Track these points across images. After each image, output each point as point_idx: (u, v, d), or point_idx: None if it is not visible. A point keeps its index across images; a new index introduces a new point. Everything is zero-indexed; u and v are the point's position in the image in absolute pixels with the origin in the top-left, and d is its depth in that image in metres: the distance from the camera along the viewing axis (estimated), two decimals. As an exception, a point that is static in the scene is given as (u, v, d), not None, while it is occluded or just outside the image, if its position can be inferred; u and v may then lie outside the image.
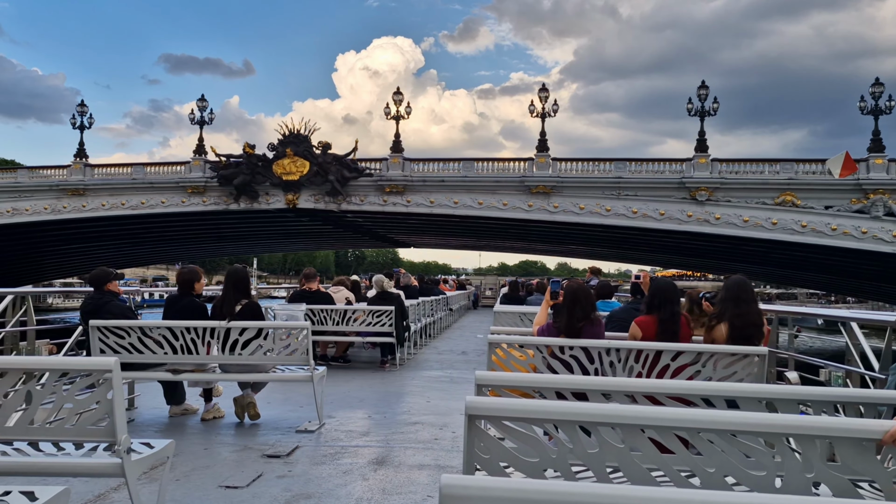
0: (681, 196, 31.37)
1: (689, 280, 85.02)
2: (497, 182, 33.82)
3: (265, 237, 51.45)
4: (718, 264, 44.22)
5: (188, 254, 63.02)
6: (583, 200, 32.44)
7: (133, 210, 37.30)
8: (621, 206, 31.82)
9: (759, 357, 5.11)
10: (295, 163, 34.56)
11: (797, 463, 2.28)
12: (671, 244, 36.92)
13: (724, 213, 30.82)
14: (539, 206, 32.82)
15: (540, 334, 5.61)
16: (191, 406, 7.70)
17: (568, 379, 4.01)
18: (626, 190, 31.96)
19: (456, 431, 6.87)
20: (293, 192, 34.82)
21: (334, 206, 34.78)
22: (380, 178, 34.50)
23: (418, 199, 34.34)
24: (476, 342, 17.19)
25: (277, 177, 34.76)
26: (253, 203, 35.69)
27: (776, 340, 8.05)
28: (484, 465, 2.41)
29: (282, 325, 7.81)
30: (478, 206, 33.58)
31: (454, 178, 34.18)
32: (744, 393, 3.09)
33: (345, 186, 34.31)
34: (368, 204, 34.90)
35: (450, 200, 33.90)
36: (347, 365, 12.37)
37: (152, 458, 3.89)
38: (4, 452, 3.78)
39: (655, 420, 2.25)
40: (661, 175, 32.40)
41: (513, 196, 33.33)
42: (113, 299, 7.52)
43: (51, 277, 57.09)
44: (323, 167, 34.05)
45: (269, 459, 5.76)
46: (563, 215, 32.70)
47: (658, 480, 2.53)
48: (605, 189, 32.22)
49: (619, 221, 32.00)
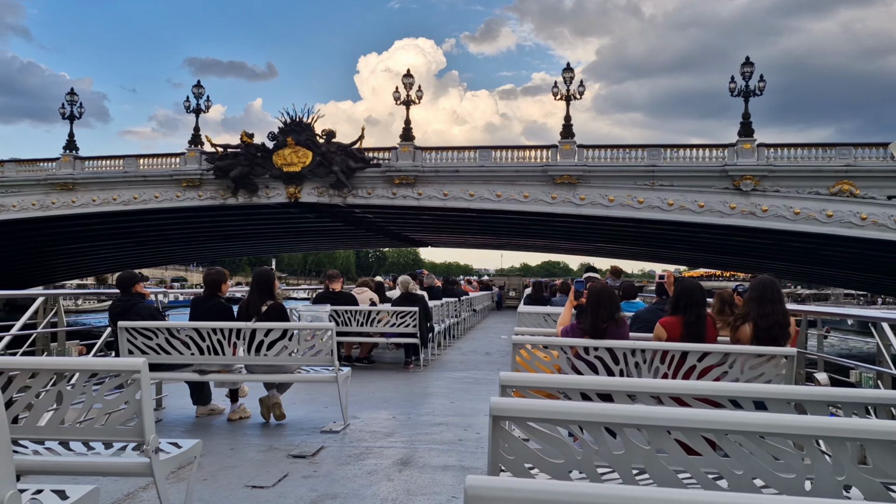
0: (723, 186, 28.07)
1: (719, 280, 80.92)
2: (517, 172, 30.71)
3: (274, 236, 49.11)
4: (758, 263, 40.45)
5: (196, 254, 61.02)
6: (612, 191, 29.23)
7: (125, 206, 34.88)
8: (655, 198, 28.56)
9: (787, 358, 5.04)
10: (297, 153, 31.89)
11: (827, 465, 2.25)
12: (708, 240, 34.04)
13: (771, 205, 27.40)
14: (564, 199, 29.72)
15: (564, 335, 5.58)
16: (217, 406, 7.78)
17: (593, 380, 3.98)
18: (660, 179, 28.72)
19: (480, 432, 6.86)
20: (295, 185, 32.27)
21: (339, 199, 32.06)
22: (388, 168, 31.62)
23: (431, 192, 31.40)
24: (500, 343, 17.16)
25: (278, 168, 32.13)
26: (252, 197, 33.16)
27: (805, 341, 7.94)
28: (509, 467, 2.41)
29: (306, 326, 7.86)
30: (496, 198, 30.45)
31: (470, 169, 31.16)
32: (772, 394, 3.05)
33: (350, 178, 31.58)
34: (376, 197, 32.06)
35: (465, 193, 30.86)
36: (372, 366, 12.41)
37: (180, 457, 3.93)
38: (36, 451, 3.84)
39: (682, 421, 2.22)
40: (700, 162, 29.06)
41: (535, 187, 30.22)
42: (140, 301, 7.62)
43: (60, 279, 55.28)
44: (327, 157, 31.39)
45: (294, 460, 5.80)
46: (590, 208, 29.54)
47: (685, 482, 2.51)
48: (637, 179, 29.01)
49: (652, 214, 28.70)
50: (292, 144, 31.81)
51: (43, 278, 47.97)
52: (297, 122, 32.13)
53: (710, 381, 4.80)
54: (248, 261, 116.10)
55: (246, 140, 32.71)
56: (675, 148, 30.12)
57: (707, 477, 2.40)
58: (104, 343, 8.11)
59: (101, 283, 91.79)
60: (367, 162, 31.73)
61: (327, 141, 31.81)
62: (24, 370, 3.56)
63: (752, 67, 29.94)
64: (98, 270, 61.13)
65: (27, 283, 42.59)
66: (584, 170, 29.65)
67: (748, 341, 5.34)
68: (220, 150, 33.22)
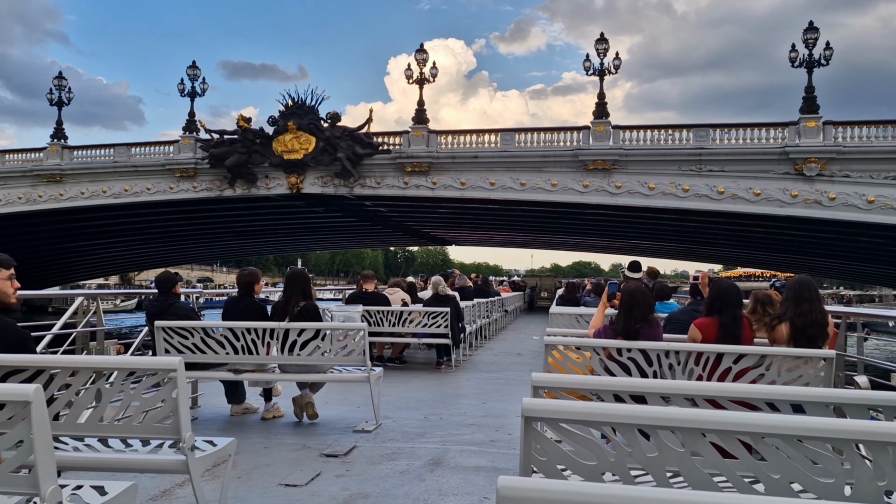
0: (782, 171, 24.40)
1: (758, 280, 74.22)
2: (544, 157, 27.07)
3: (285, 233, 45.82)
4: (812, 262, 38.00)
5: (211, 252, 57.93)
6: (653, 178, 25.68)
7: (115, 199, 32.01)
8: (703, 185, 25.03)
9: (825, 360, 4.94)
10: (298, 138, 28.79)
11: (868, 470, 2.20)
12: (761, 235, 30.74)
13: (840, 192, 23.69)
14: (597, 187, 26.15)
15: (596, 336, 5.54)
16: (251, 405, 7.87)
17: (626, 381, 3.95)
18: (709, 164, 25.17)
19: (512, 433, 6.84)
20: (296, 174, 29.17)
21: (345, 189, 28.97)
22: (399, 155, 28.39)
23: (446, 180, 28.00)
24: (532, 343, 17.09)
25: (278, 156, 29.07)
26: (250, 188, 30.11)
27: (844, 344, 7.78)
28: (541, 468, 2.40)
29: (339, 327, 7.91)
30: (520, 187, 26.94)
31: (490, 154, 27.70)
32: (810, 397, 2.99)
33: (357, 166, 28.47)
34: (386, 187, 28.87)
35: (485, 181, 27.44)
36: (403, 366, 12.45)
37: (215, 455, 3.98)
38: (76, 448, 3.93)
39: (717, 424, 2.19)
40: (756, 144, 25.36)
41: (564, 174, 26.77)
42: (177, 301, 7.76)
43: (77, 279, 52.23)
44: (331, 143, 28.38)
45: (327, 459, 5.84)
46: (627, 197, 26.01)
47: (720, 486, 2.47)
48: (681, 163, 25.45)
49: (699, 204, 25.18)
50: (294, 129, 28.80)
51: (59, 278, 46.16)
52: (300, 104, 29.16)
53: (747, 383, 4.73)
54: (276, 261, 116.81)
55: (243, 125, 29.78)
56: (725, 128, 26.27)
57: (743, 481, 2.36)
58: (141, 342, 8.26)
59: (125, 283, 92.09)
60: (376, 148, 28.58)
61: (332, 125, 28.87)
62: (65, 368, 3.64)
63: (817, 34, 26.09)
64: (112, 270, 59.12)
65: (44, 283, 40.83)
66: (619, 154, 26.17)
67: (785, 341, 5.25)
68: (216, 137, 30.45)
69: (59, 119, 34.57)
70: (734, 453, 2.30)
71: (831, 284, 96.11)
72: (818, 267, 42.39)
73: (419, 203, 31.02)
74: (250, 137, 29.56)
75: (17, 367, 3.54)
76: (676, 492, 1.76)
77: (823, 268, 43.97)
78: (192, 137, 31.53)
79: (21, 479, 2.79)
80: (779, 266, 49.22)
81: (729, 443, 2.27)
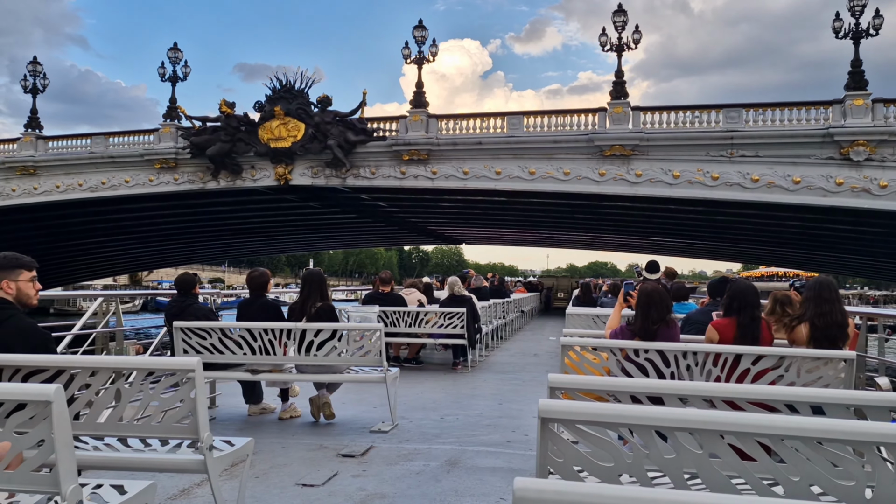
0: (825, 155, 21.45)
1: (779, 280, 69.85)
2: (555, 143, 24.25)
3: (286, 231, 42.87)
4: (852, 260, 35.27)
5: (212, 252, 54.76)
6: (677, 165, 22.84)
7: (92, 192, 29.40)
8: (734, 172, 22.17)
9: (846, 361, 4.89)
10: (286, 125, 26.39)
11: (890, 473, 2.17)
12: (796, 230, 27.85)
13: (893, 180, 20.82)
14: (614, 175, 23.36)
15: (613, 337, 5.52)
16: (269, 405, 7.91)
17: (644, 382, 3.93)
18: (741, 149, 22.21)
19: (528, 434, 6.82)
20: (284, 164, 26.66)
21: (337, 180, 26.39)
22: (396, 141, 25.69)
23: (447, 170, 25.28)
24: (548, 344, 17.05)
25: (264, 144, 26.60)
26: (235, 180, 27.52)
27: (865, 345, 7.70)
28: (557, 469, 2.39)
29: (355, 327, 7.93)
30: (529, 176, 24.21)
31: (495, 140, 24.93)
32: (830, 399, 2.96)
33: (350, 154, 25.92)
34: (381, 177, 26.18)
35: (490, 170, 24.71)
36: (420, 366, 12.46)
37: (233, 455, 4.01)
38: (96, 447, 3.97)
39: (736, 426, 2.18)
40: (795, 126, 22.31)
41: (577, 162, 23.97)
42: (195, 302, 7.83)
43: (79, 279, 49.97)
44: (321, 129, 25.91)
45: (343, 459, 5.86)
46: (648, 187, 23.15)
47: (739, 488, 2.46)
48: (710, 148, 22.60)
49: (730, 194, 22.32)
50: (281, 115, 26.37)
51: (59, 279, 43.11)
52: (288, 88, 26.65)
53: (765, 384, 4.69)
54: (288, 262, 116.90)
55: (226, 111, 27.25)
56: (759, 108, 23.18)
57: (762, 483, 2.34)
58: (160, 343, 8.34)
59: (134, 284, 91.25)
60: (370, 134, 26.05)
61: (322, 109, 26.35)
62: (85, 368, 3.67)
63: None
64: (112, 271, 55.85)
65: (46, 283, 38.33)
66: (640, 138, 23.21)
67: (804, 342, 5.21)
68: (197, 125, 28.00)
69: (33, 107, 32.13)
70: (753, 455, 2.28)
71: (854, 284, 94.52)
72: (853, 265, 40.26)
73: (419, 196, 28.69)
74: (234, 124, 27.04)
75: (38, 367, 3.59)
76: (694, 494, 1.74)
77: (860, 266, 41.26)
78: (173, 125, 29.00)
79: (42, 477, 2.82)
80: (809, 265, 46.52)
81: (747, 445, 2.25)
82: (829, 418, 2.69)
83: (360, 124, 26.03)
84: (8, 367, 3.55)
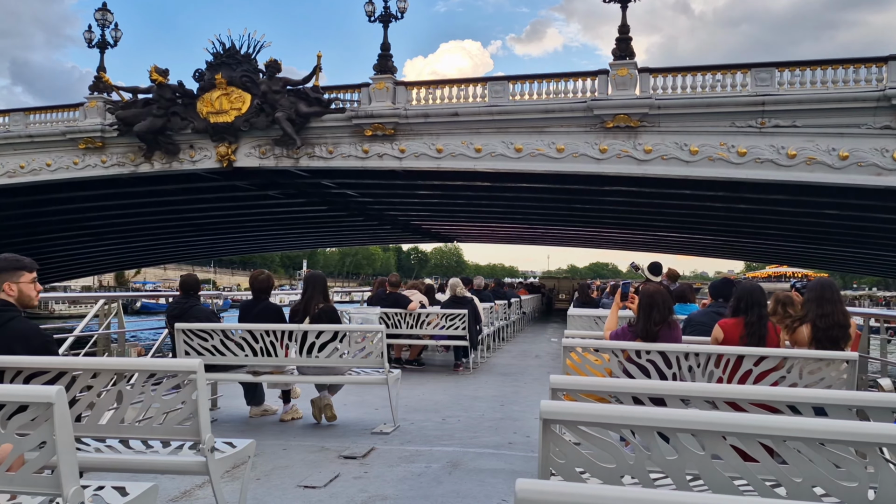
0: (880, 124, 17.22)
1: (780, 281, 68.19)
2: (547, 113, 19.93)
3: (253, 227, 38.27)
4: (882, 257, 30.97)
5: (180, 252, 49.11)
6: (695, 139, 18.57)
7: (10, 178, 25.45)
8: (766, 147, 17.91)
9: (848, 362, 4.88)
10: (229, 96, 22.36)
11: (892, 474, 2.17)
12: (832, 222, 24.25)
13: None
14: (618, 152, 19.18)
15: (615, 338, 5.52)
16: (270, 407, 7.91)
17: (645, 384, 3.93)
18: (774, 117, 17.94)
19: (530, 436, 6.82)
20: (227, 143, 22.52)
21: (289, 161, 22.38)
22: (356, 113, 21.45)
23: (417, 147, 21.18)
24: (550, 346, 17.05)
25: (203, 118, 22.51)
26: (171, 162, 23.43)
27: (867, 346, 7.69)
28: (559, 470, 2.39)
29: (357, 329, 7.93)
30: (514, 153, 20.10)
31: (474, 111, 20.61)
32: (833, 400, 2.95)
33: (303, 130, 21.92)
34: (340, 157, 21.96)
35: (468, 147, 20.53)
36: (421, 368, 12.46)
37: (234, 456, 4.01)
38: (98, 449, 3.97)
39: (738, 427, 2.17)
40: (843, 88, 18.18)
41: (573, 136, 19.78)
42: (197, 303, 7.83)
43: (49, 280, 44.81)
44: (268, 100, 21.98)
45: (345, 460, 5.86)
46: (659, 165, 18.95)
47: (741, 489, 2.45)
48: (736, 117, 18.29)
49: (760, 173, 18.07)
50: (223, 84, 22.30)
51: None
52: (232, 52, 22.69)
53: (768, 385, 4.69)
54: (282, 262, 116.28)
55: (158, 79, 23.20)
56: (797, 67, 18.97)
57: (764, 484, 2.34)
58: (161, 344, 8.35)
59: (121, 285, 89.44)
60: (326, 105, 22.02)
61: (269, 76, 22.42)
62: (87, 370, 3.68)
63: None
64: (76, 272, 50.33)
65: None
66: (649, 105, 18.95)
67: (806, 343, 5.22)
68: (126, 97, 24.08)
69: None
70: (755, 456, 2.27)
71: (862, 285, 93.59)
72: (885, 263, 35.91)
73: (391, 182, 25.04)
74: (168, 96, 23.03)
75: (40, 369, 3.59)
76: (696, 495, 1.74)
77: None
78: (101, 99, 24.83)
79: (44, 479, 2.82)
80: (834, 264, 41.38)
81: (750, 446, 2.25)
82: (832, 419, 2.69)
83: (314, 93, 22.10)
84: (10, 369, 3.55)
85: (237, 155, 22.81)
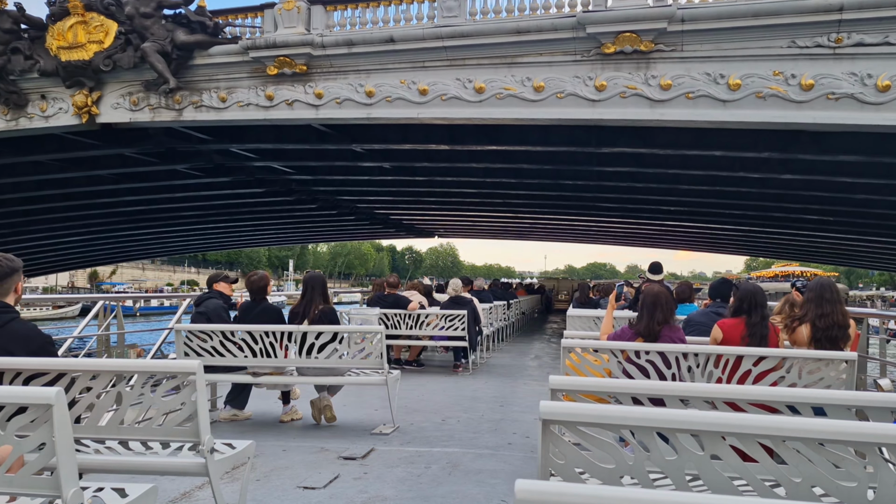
0: None
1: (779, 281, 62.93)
2: (520, 35, 13.49)
3: (191, 219, 31.25)
4: None
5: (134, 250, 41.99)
6: (736, 66, 12.25)
7: None
8: (843, 77, 11.54)
9: (847, 362, 4.89)
10: (87, 25, 16.35)
11: (892, 474, 2.17)
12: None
13: None
14: (622, 89, 12.86)
15: (615, 338, 5.52)
16: (240, 413, 7.62)
17: (645, 384, 3.93)
18: (857, 28, 11.42)
19: (530, 436, 6.82)
20: (87, 89, 16.48)
21: (169, 113, 16.19)
22: (254, 43, 15.23)
23: (340, 90, 14.91)
24: (549, 346, 17.05)
25: (53, 56, 16.47)
26: (19, 117, 17.18)
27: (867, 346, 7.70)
28: (559, 471, 2.39)
29: (356, 329, 7.93)
30: (474, 95, 13.86)
31: (417, 34, 14.27)
32: (832, 400, 2.96)
33: (184, 69, 15.92)
34: (236, 107, 15.69)
35: (410, 88, 14.37)
36: (421, 368, 12.46)
37: (234, 458, 4.01)
38: (97, 451, 3.97)
39: (737, 427, 2.18)
40: None
41: (557, 68, 13.37)
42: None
43: None
44: (136, 27, 16.01)
45: (345, 461, 5.86)
46: (682, 108, 12.63)
47: (740, 490, 2.46)
48: (797, 30, 11.79)
49: (835, 116, 11.68)
50: (80, 9, 16.35)
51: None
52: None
53: (767, 385, 4.69)
54: (270, 262, 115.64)
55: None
56: None
57: (764, 484, 2.34)
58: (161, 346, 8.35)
59: (94, 284, 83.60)
60: (214, 33, 16.04)
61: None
62: (86, 372, 3.68)
63: None
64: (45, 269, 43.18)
65: None
66: (669, 18, 12.37)
67: (805, 343, 5.23)
68: None
69: None
70: (754, 457, 2.28)
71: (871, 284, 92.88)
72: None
73: (321, 150, 19.23)
74: (7, 26, 16.97)
75: (39, 370, 3.59)
76: (696, 495, 1.74)
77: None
78: None
79: (43, 481, 2.82)
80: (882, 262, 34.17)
81: (749, 446, 2.25)
82: (831, 419, 2.69)
83: (199, 17, 16.08)
84: (9, 371, 3.55)
85: (101, 106, 16.65)
